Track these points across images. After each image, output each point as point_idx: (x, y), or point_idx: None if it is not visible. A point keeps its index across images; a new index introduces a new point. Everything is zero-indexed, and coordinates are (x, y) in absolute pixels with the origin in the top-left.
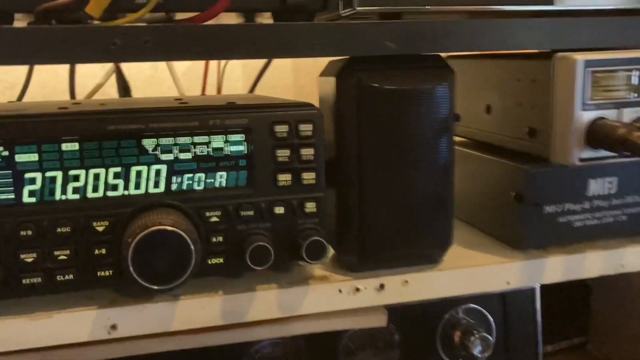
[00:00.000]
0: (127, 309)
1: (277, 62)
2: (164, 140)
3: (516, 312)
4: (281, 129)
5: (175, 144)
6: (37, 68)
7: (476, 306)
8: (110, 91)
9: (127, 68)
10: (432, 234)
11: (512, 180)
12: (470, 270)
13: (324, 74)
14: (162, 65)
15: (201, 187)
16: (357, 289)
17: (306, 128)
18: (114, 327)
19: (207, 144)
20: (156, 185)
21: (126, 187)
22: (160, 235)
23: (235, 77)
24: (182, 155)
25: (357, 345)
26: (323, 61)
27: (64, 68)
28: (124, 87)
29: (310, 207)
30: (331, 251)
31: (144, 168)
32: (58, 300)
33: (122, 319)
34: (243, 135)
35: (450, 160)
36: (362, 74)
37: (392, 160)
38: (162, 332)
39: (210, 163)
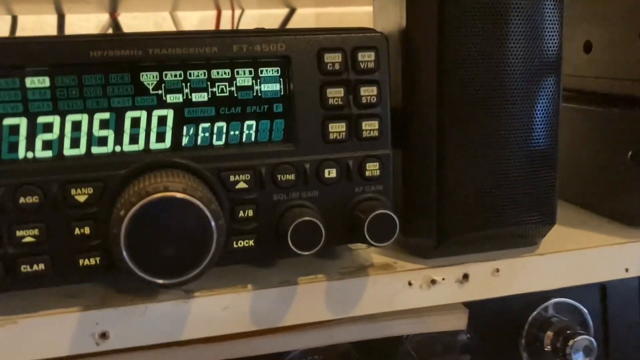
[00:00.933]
0: (122, 312)
1: (298, 19)
2: (171, 74)
3: (619, 308)
4: (332, 58)
5: (186, 80)
6: (22, 27)
7: (570, 300)
8: None
9: (127, 27)
10: (533, 204)
11: (629, 135)
12: (580, 255)
13: None
14: (166, 23)
15: (222, 142)
16: (433, 281)
17: (367, 57)
18: (104, 335)
19: (230, 80)
20: (160, 138)
21: (118, 141)
22: (166, 205)
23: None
24: (196, 96)
25: (422, 352)
26: (350, 15)
27: (53, 19)
28: None
29: (373, 169)
30: None
31: (142, 114)
32: (25, 300)
33: (115, 325)
34: (279, 68)
35: (557, 109)
36: None
37: (483, 106)
38: (170, 342)
39: (234, 107)
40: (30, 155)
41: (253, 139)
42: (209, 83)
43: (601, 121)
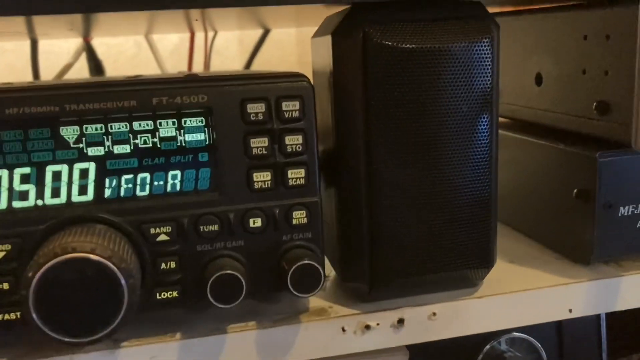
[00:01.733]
0: None
1: (278, 36)
2: (91, 128)
3: (575, 343)
4: (255, 109)
5: (107, 133)
6: (2, 49)
7: (523, 335)
8: (84, 72)
9: (107, 47)
10: (469, 249)
11: (575, 172)
12: (520, 296)
13: (317, 33)
14: (146, 43)
15: (146, 193)
16: (367, 326)
17: (291, 106)
18: None
19: (153, 131)
20: (82, 191)
21: (40, 195)
22: (74, 266)
23: (230, 54)
24: (118, 149)
25: None
26: None
27: (27, 45)
28: (95, 67)
29: (300, 216)
30: (332, 274)
31: (63, 167)
32: None
33: None
34: (202, 118)
35: (493, 149)
36: (370, 27)
37: (414, 149)
38: None
39: (157, 158)
40: None
41: (178, 188)
42: (130, 135)
43: (549, 155)
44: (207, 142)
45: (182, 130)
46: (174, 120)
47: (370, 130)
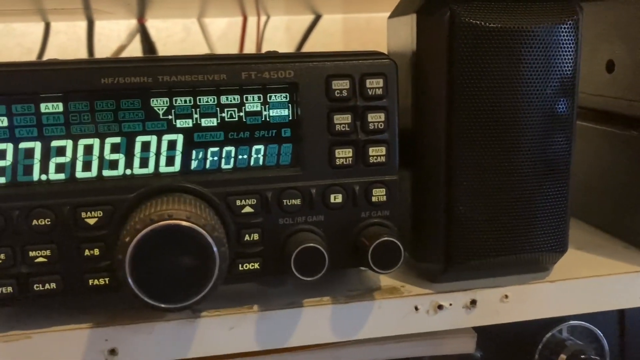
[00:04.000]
0: (130, 329)
1: (325, 25)
2: (180, 100)
3: (637, 333)
4: (340, 85)
5: (196, 106)
6: (55, 30)
7: (584, 323)
8: (136, 54)
9: (156, 31)
10: (544, 232)
11: None
12: (592, 282)
13: (395, 13)
14: (195, 27)
15: (230, 166)
16: (440, 306)
17: (375, 84)
18: (113, 351)
19: (239, 105)
20: (169, 162)
21: (128, 165)
22: (170, 233)
23: (277, 40)
24: (205, 121)
25: None
26: (378, 22)
27: (84, 25)
28: (149, 49)
29: (379, 194)
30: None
31: (152, 138)
32: (38, 315)
33: (124, 342)
34: (287, 94)
35: (571, 134)
36: (457, 6)
37: (494, 131)
38: (178, 359)
39: (243, 132)
40: (43, 177)
41: (261, 163)
42: (218, 109)
43: (620, 143)
44: (291, 118)
45: (267, 106)
46: (260, 95)
47: (452, 110)
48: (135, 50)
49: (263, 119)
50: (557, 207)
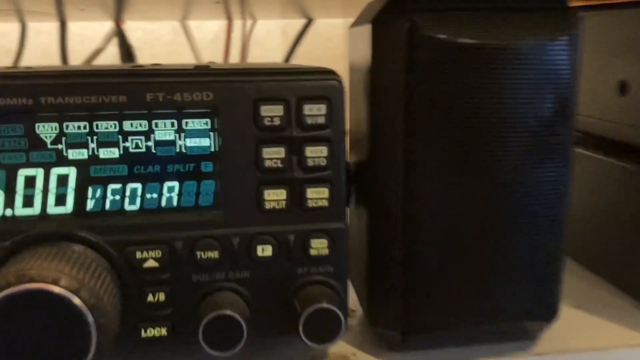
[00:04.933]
0: None
1: (324, 28)
2: (73, 126)
3: None
4: (271, 111)
5: (92, 133)
6: (35, 30)
7: None
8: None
9: (144, 32)
10: (528, 296)
11: None
12: (590, 357)
13: (357, 22)
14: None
15: (136, 207)
16: None
17: (316, 110)
18: None
19: (147, 133)
20: (60, 201)
21: (9, 204)
22: (30, 300)
23: (272, 45)
24: (104, 152)
25: None
26: None
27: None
28: (127, 53)
29: (320, 246)
30: (358, 311)
31: (38, 171)
32: None
33: None
34: (208, 120)
35: (566, 169)
36: (419, 16)
37: (465, 164)
38: None
39: (152, 166)
40: None
41: (175, 203)
42: (120, 137)
43: (633, 179)
44: (212, 149)
45: (182, 134)
46: (173, 120)
47: (411, 140)
48: (114, 53)
49: (177, 149)
50: (547, 263)
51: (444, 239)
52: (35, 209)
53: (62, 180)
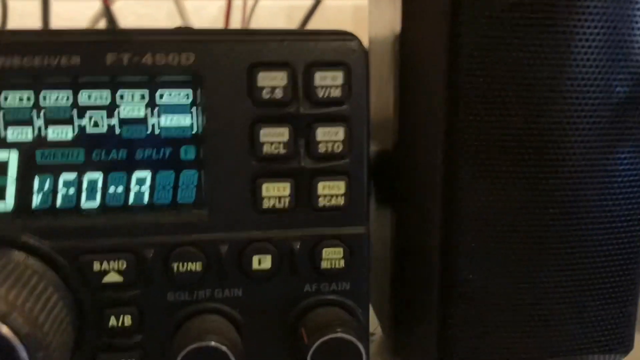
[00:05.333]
0: None
1: (331, 11)
2: (13, 97)
3: None
4: (272, 80)
5: (38, 106)
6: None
7: None
8: None
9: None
10: (595, 323)
11: None
12: None
13: None
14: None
15: (94, 204)
16: None
17: (330, 80)
18: None
19: (109, 108)
20: None
21: None
22: None
23: (277, 22)
24: (54, 132)
25: None
26: None
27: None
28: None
29: (334, 257)
30: (377, 332)
31: None
32: None
33: None
34: (189, 91)
35: None
36: None
37: (520, 160)
38: None
39: (116, 151)
40: None
41: (146, 200)
42: (75, 111)
43: None
44: (194, 131)
45: (155, 109)
46: (144, 92)
47: (455, 126)
48: None
49: (149, 131)
50: (618, 287)
51: (494, 250)
52: None
53: (1, 168)
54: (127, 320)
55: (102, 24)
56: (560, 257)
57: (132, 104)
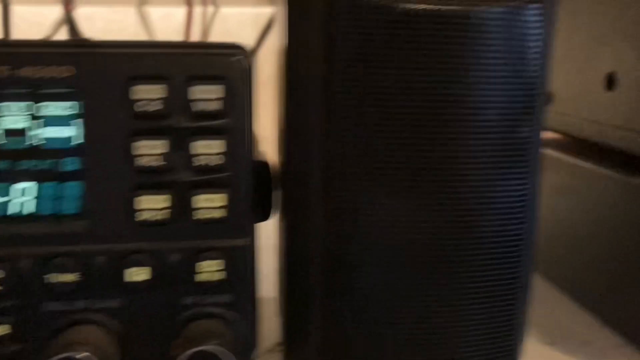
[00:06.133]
0: None
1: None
2: None
3: None
4: (148, 93)
5: None
6: None
7: None
8: None
9: (107, 22)
10: (479, 332)
11: None
12: None
13: None
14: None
15: None
16: None
17: (208, 93)
18: None
19: None
20: None
21: None
22: None
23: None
24: None
25: None
26: None
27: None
28: None
29: (212, 268)
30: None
31: None
32: None
33: None
34: (70, 103)
35: (532, 180)
36: None
37: (402, 168)
38: None
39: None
40: None
41: (27, 211)
42: None
43: (618, 191)
44: (76, 142)
45: (38, 121)
46: (24, 104)
47: (331, 142)
48: None
49: (30, 142)
50: (502, 296)
51: (373, 259)
52: None
53: None
54: (4, 329)
55: (63, 31)
56: (448, 272)
57: (15, 116)
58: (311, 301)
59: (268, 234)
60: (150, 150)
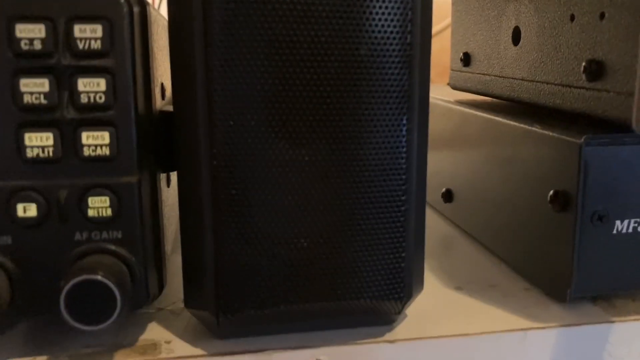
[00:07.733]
0: None
1: None
2: None
3: None
4: (29, 32)
5: None
6: None
7: None
8: None
9: None
10: (366, 269)
11: (551, 166)
12: (454, 344)
13: None
14: None
15: None
16: None
17: (90, 32)
18: None
19: None
20: None
21: None
22: None
23: None
24: None
25: None
26: None
27: None
28: None
29: (100, 205)
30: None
31: None
32: None
33: None
34: None
35: (410, 125)
36: None
37: (277, 117)
38: None
39: None
40: None
41: None
42: None
43: (520, 142)
44: None
45: None
46: None
47: (214, 93)
48: None
49: None
50: (388, 234)
51: (258, 200)
52: None
53: None
54: None
55: None
56: (322, 212)
57: None
58: (202, 240)
59: None
60: (33, 89)
